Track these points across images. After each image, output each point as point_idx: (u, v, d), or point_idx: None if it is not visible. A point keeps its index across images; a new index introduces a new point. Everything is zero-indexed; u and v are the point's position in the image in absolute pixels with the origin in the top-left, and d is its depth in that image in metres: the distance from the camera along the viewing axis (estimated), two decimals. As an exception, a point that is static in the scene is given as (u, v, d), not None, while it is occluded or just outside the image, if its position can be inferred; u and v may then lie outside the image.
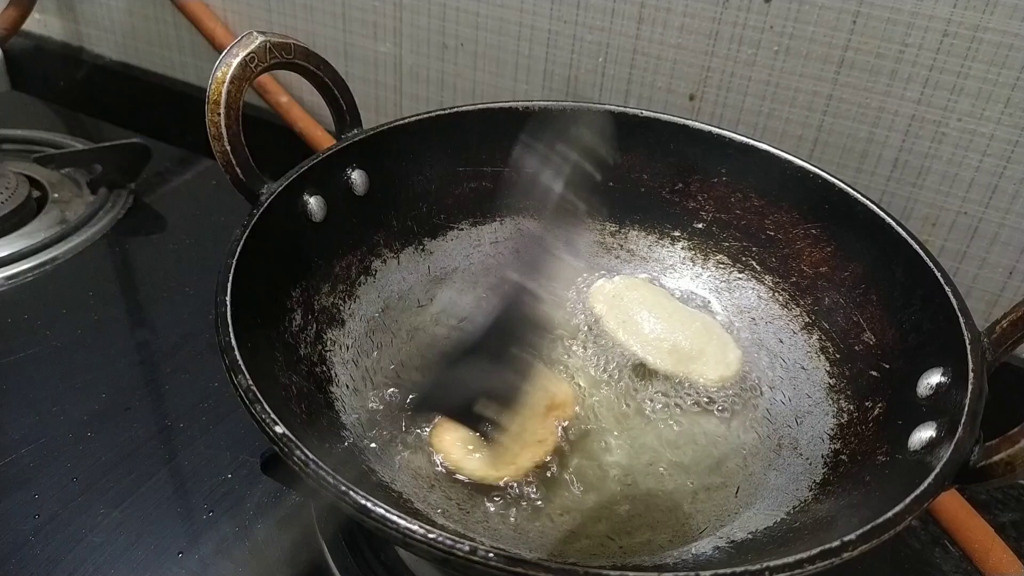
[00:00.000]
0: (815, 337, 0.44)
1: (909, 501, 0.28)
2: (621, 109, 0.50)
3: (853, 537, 0.27)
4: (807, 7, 0.50)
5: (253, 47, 0.40)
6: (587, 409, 0.42)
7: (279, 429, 0.29)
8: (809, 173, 0.45)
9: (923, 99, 0.49)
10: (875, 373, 0.40)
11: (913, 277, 0.40)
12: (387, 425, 0.40)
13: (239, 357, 0.32)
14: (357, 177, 0.46)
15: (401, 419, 0.41)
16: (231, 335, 0.33)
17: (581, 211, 0.32)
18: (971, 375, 0.33)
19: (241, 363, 0.31)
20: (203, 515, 0.41)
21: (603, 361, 0.45)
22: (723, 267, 0.49)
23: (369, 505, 0.27)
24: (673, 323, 0.46)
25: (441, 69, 0.65)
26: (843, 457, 0.38)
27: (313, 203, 0.43)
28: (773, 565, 0.26)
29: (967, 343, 0.34)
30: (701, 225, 0.50)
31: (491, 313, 0.29)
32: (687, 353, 0.44)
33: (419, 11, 0.63)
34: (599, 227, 0.52)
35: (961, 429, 0.31)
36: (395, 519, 0.26)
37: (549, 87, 0.61)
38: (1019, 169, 0.48)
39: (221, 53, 0.40)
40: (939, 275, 0.38)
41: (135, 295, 0.56)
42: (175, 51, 0.79)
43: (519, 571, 0.25)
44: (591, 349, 0.46)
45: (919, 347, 0.38)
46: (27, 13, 0.78)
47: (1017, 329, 0.35)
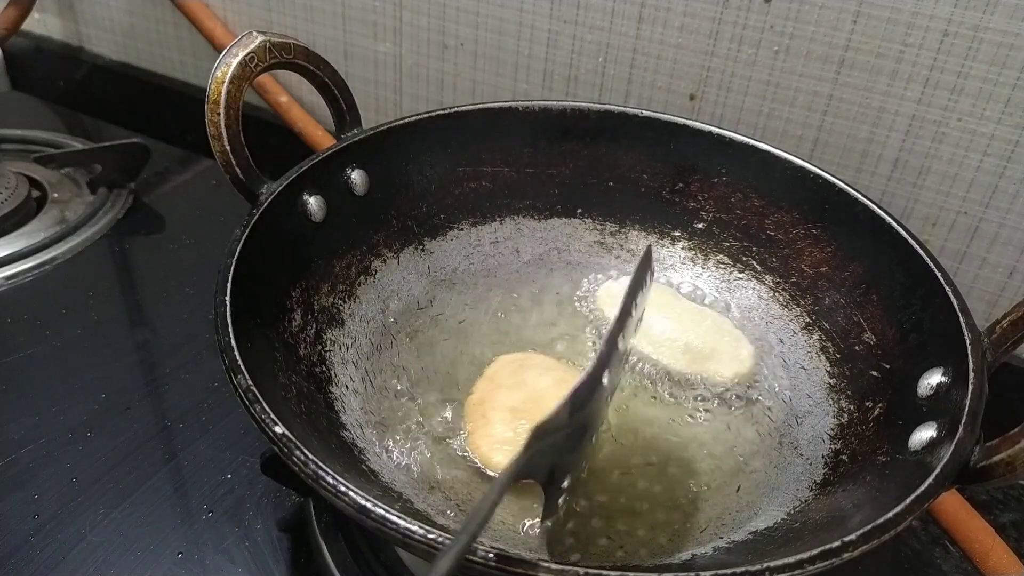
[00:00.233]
0: (815, 337, 0.44)
1: (909, 501, 0.28)
2: (621, 109, 0.50)
3: (853, 537, 0.27)
4: (807, 7, 0.50)
5: (253, 47, 0.40)
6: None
7: (279, 429, 0.29)
8: (809, 173, 0.45)
9: (923, 99, 0.49)
10: (875, 373, 0.40)
11: (913, 277, 0.39)
12: (387, 424, 0.40)
13: (239, 357, 0.32)
14: (357, 177, 0.46)
15: (401, 418, 0.41)
16: (231, 335, 0.33)
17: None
18: (971, 375, 0.33)
19: (241, 363, 0.31)
20: (203, 515, 0.41)
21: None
22: (723, 267, 0.49)
23: (369, 505, 0.27)
24: (684, 322, 0.46)
25: (441, 69, 0.65)
26: (843, 457, 0.38)
27: (313, 203, 0.43)
28: (773, 565, 0.26)
29: (967, 343, 0.34)
30: (701, 225, 0.50)
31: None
32: (700, 352, 0.44)
33: (419, 11, 0.63)
34: (599, 227, 0.52)
35: (961, 429, 0.31)
36: (395, 519, 0.26)
37: (549, 87, 0.61)
38: (1019, 169, 0.48)
39: (221, 53, 0.40)
40: (939, 275, 0.38)
41: (135, 295, 0.56)
42: (175, 51, 0.79)
43: (519, 571, 0.25)
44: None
45: (919, 347, 0.38)
46: (27, 13, 0.78)
47: (1017, 329, 0.35)
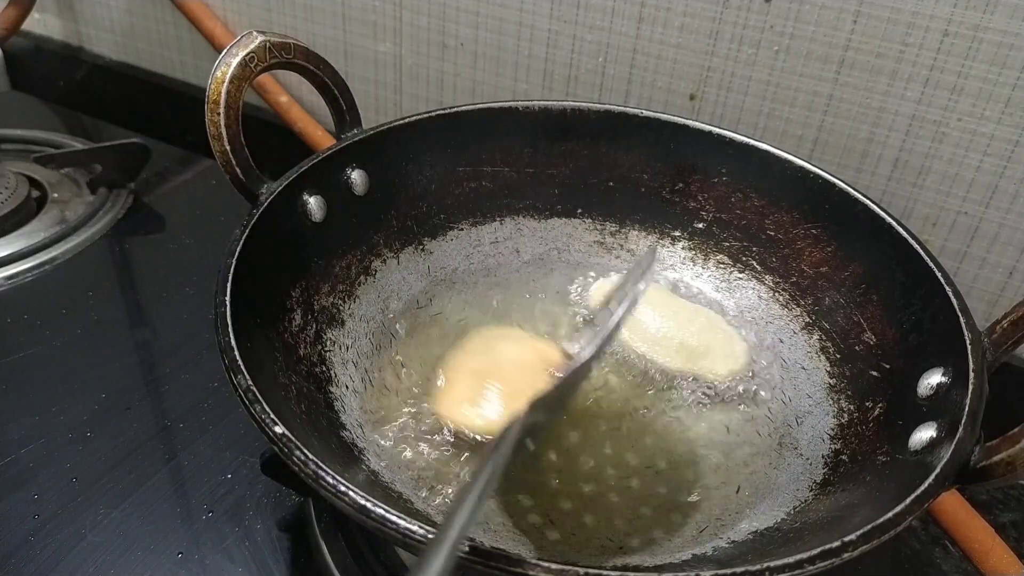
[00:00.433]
0: (815, 337, 0.44)
1: (909, 501, 0.28)
2: (621, 109, 0.50)
3: (853, 537, 0.27)
4: (807, 7, 0.50)
5: (253, 47, 0.40)
6: (590, 410, 0.42)
7: (279, 429, 0.29)
8: (809, 173, 0.45)
9: (923, 99, 0.49)
10: (875, 373, 0.40)
11: (913, 277, 0.39)
12: (387, 424, 0.40)
13: (239, 357, 0.32)
14: (357, 177, 0.46)
15: (401, 418, 0.41)
16: (231, 335, 0.33)
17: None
18: (971, 375, 0.33)
19: (241, 363, 0.31)
20: (203, 515, 0.41)
21: (608, 361, 0.45)
22: (723, 267, 0.49)
23: (369, 505, 0.27)
24: (678, 320, 0.46)
25: (441, 69, 0.65)
26: (843, 457, 0.38)
27: (313, 203, 0.43)
28: (773, 565, 0.26)
29: (967, 343, 0.34)
30: (701, 225, 0.50)
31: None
32: (695, 349, 0.44)
33: (419, 11, 0.63)
34: (599, 227, 0.52)
35: (961, 429, 0.31)
36: (395, 519, 0.26)
37: (549, 87, 0.61)
38: (1019, 169, 0.48)
39: (221, 53, 0.40)
40: (939, 275, 0.38)
41: (135, 295, 0.56)
42: (175, 51, 0.79)
43: (519, 571, 0.25)
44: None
45: (919, 347, 0.38)
46: (27, 13, 0.78)
47: (1017, 329, 0.35)
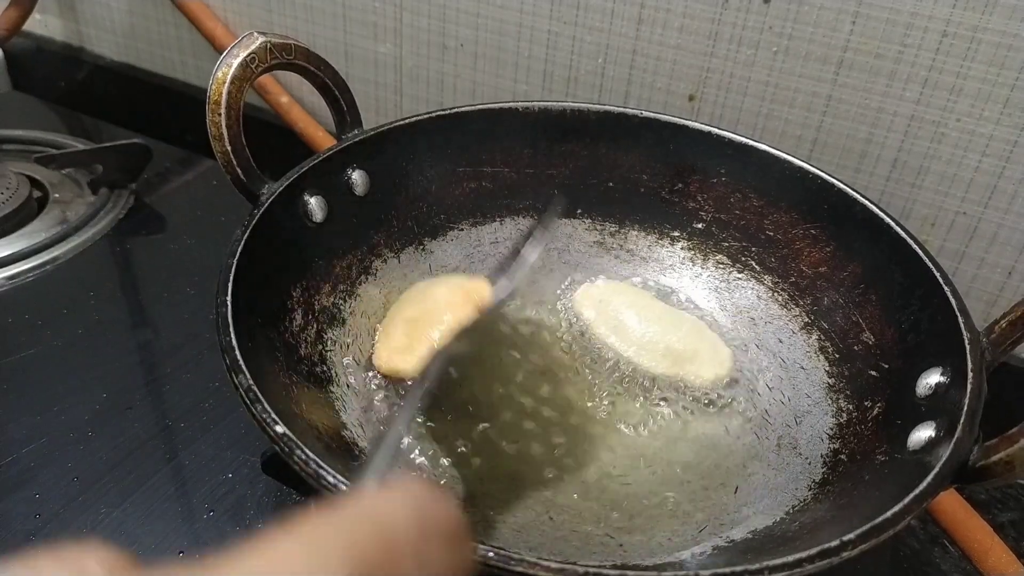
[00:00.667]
0: (814, 337, 0.45)
1: (908, 501, 0.28)
2: (621, 109, 0.50)
3: (852, 536, 0.27)
4: (806, 8, 0.50)
5: (254, 48, 0.40)
6: (585, 413, 0.42)
7: (280, 429, 0.29)
8: (808, 173, 0.45)
9: (922, 99, 0.49)
10: (874, 373, 0.40)
11: (912, 277, 0.40)
12: (386, 423, 0.40)
13: (240, 357, 0.32)
14: (357, 177, 0.46)
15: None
16: (232, 335, 0.33)
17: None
18: (970, 375, 0.33)
19: (242, 363, 0.32)
20: (204, 515, 0.41)
21: (597, 367, 0.45)
22: (722, 267, 0.49)
23: (369, 504, 0.27)
24: (664, 325, 0.46)
25: (441, 69, 0.65)
26: (842, 457, 0.38)
27: (313, 203, 0.43)
28: (773, 565, 0.26)
29: (966, 343, 0.34)
30: (701, 225, 0.50)
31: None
32: (681, 354, 0.44)
33: (419, 12, 0.63)
34: (599, 227, 0.52)
35: (960, 429, 0.31)
36: (395, 518, 0.26)
37: (549, 87, 0.61)
38: (1018, 169, 0.48)
39: (222, 54, 0.40)
40: (938, 275, 0.38)
41: (136, 295, 0.56)
42: (175, 51, 0.79)
43: (519, 570, 0.25)
44: (584, 356, 0.45)
45: (918, 347, 0.38)
46: (28, 13, 0.78)
47: (1016, 329, 0.35)
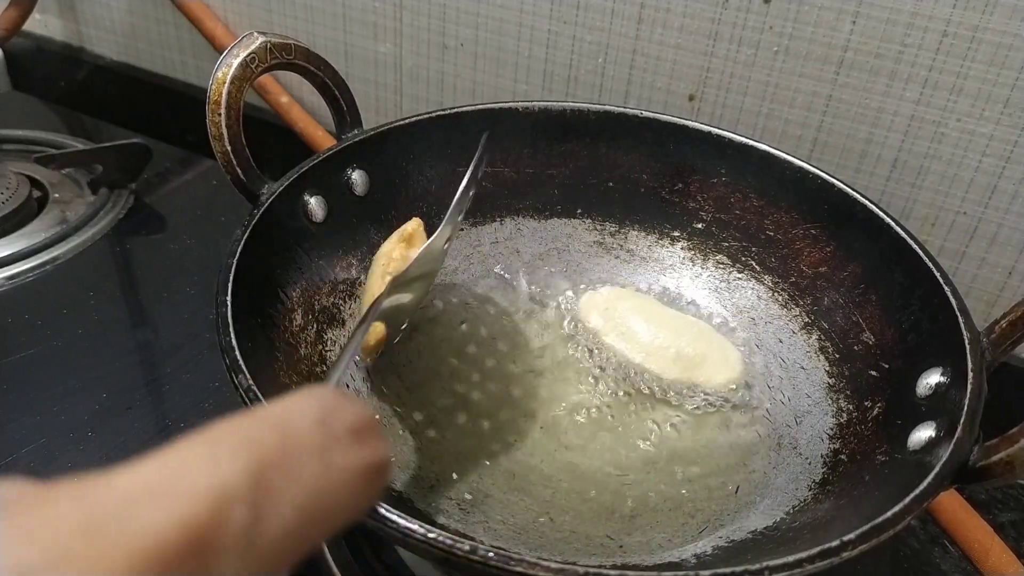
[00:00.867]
0: (814, 337, 0.45)
1: (908, 501, 0.28)
2: (621, 109, 0.50)
3: (853, 537, 0.27)
4: (807, 7, 0.50)
5: (254, 47, 0.40)
6: (590, 415, 0.42)
7: (280, 429, 0.29)
8: (808, 173, 0.45)
9: (922, 99, 0.49)
10: (874, 373, 0.40)
11: (912, 277, 0.40)
12: (386, 424, 0.40)
13: (240, 357, 0.32)
14: (357, 177, 0.46)
15: (401, 417, 0.41)
16: (232, 335, 0.33)
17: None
18: (970, 375, 0.33)
19: (242, 363, 0.31)
20: (204, 515, 0.41)
21: (604, 372, 0.44)
22: (723, 267, 0.49)
23: (369, 505, 0.27)
24: (673, 330, 0.46)
25: (441, 69, 0.65)
26: (842, 457, 0.38)
27: (313, 203, 0.43)
28: (773, 565, 0.26)
29: (966, 343, 0.34)
30: (701, 225, 0.50)
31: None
32: (692, 359, 0.44)
33: (419, 11, 0.63)
34: (599, 227, 0.52)
35: (960, 429, 0.31)
36: (395, 519, 0.26)
37: (549, 87, 0.61)
38: (1018, 169, 0.48)
39: (221, 53, 0.40)
40: (938, 275, 0.38)
41: (136, 295, 0.56)
42: (175, 51, 0.79)
43: (519, 571, 0.25)
44: (590, 361, 0.45)
45: (918, 347, 0.38)
46: (27, 13, 0.78)
47: (1016, 329, 0.35)
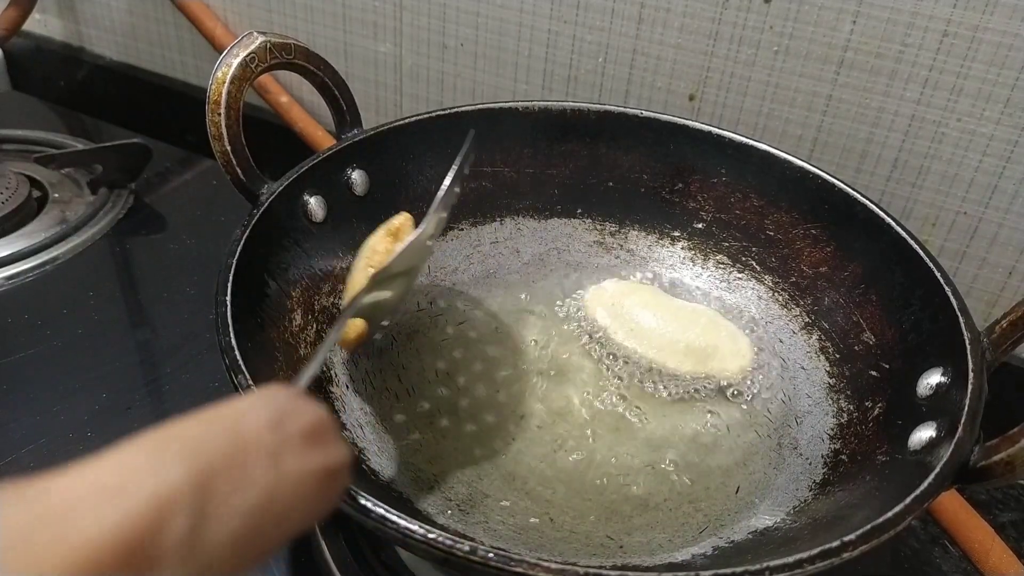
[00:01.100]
0: (815, 337, 0.44)
1: (909, 501, 0.28)
2: (621, 109, 0.50)
3: (853, 537, 0.27)
4: (807, 7, 0.50)
5: (253, 47, 0.40)
6: (593, 410, 0.42)
7: (279, 429, 0.29)
8: (809, 173, 0.45)
9: (923, 99, 0.49)
10: (875, 373, 0.40)
11: (913, 277, 0.40)
12: (387, 424, 0.40)
13: (239, 357, 0.32)
14: (357, 177, 0.46)
15: (401, 417, 0.41)
16: (231, 335, 0.33)
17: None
18: (971, 375, 0.33)
19: (241, 363, 0.31)
20: (203, 515, 0.41)
21: (613, 372, 0.44)
22: (723, 267, 0.49)
23: (369, 505, 0.27)
24: (681, 322, 0.45)
25: (441, 69, 0.65)
26: (843, 457, 0.38)
27: (313, 203, 0.43)
28: (773, 565, 0.26)
29: (967, 343, 0.34)
30: (701, 225, 0.50)
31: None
32: (703, 350, 0.44)
33: (419, 11, 0.63)
34: (599, 227, 0.52)
35: (961, 429, 0.31)
36: (395, 519, 0.26)
37: (549, 87, 0.61)
38: (1019, 169, 0.48)
39: (221, 53, 0.40)
40: (939, 275, 0.38)
41: (135, 295, 0.56)
42: (175, 51, 0.79)
43: (519, 571, 0.25)
44: (600, 362, 0.45)
45: (919, 347, 0.38)
46: (27, 13, 0.78)
47: (1017, 329, 0.35)
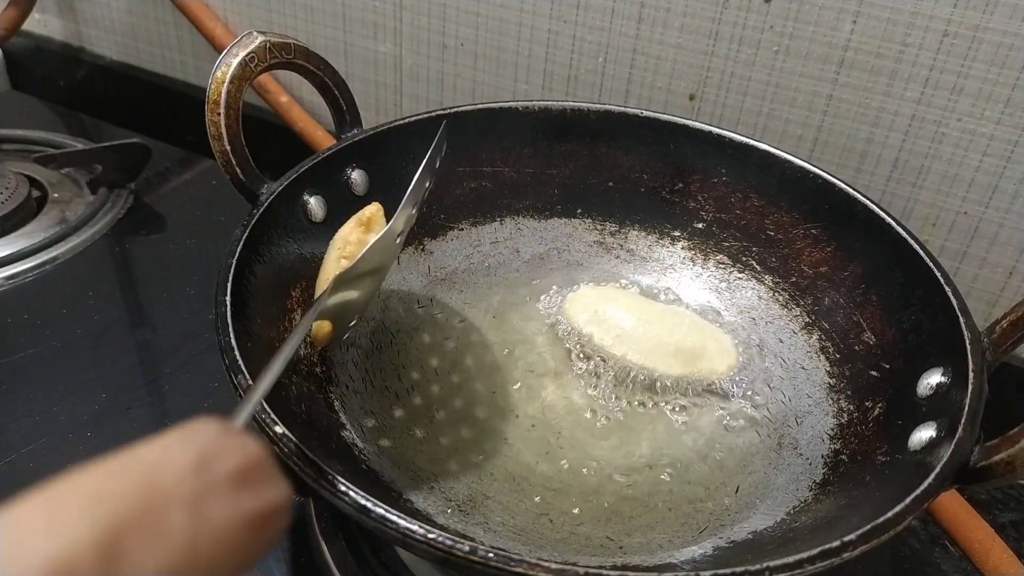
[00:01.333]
0: (815, 337, 0.44)
1: (909, 501, 0.28)
2: (621, 109, 0.50)
3: (853, 537, 0.27)
4: (807, 7, 0.50)
5: (253, 47, 0.40)
6: (594, 413, 0.42)
7: (279, 429, 0.29)
8: (809, 173, 0.45)
9: (923, 99, 0.49)
10: (875, 373, 0.40)
11: (913, 277, 0.40)
12: (387, 424, 0.40)
13: (239, 357, 0.32)
14: (357, 177, 0.46)
15: (401, 418, 0.41)
16: (231, 335, 0.33)
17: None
18: (971, 375, 0.33)
19: (241, 363, 0.31)
20: (203, 515, 0.41)
21: (606, 376, 0.44)
22: (723, 267, 0.49)
23: (369, 505, 0.27)
24: (667, 325, 0.44)
25: (441, 69, 0.65)
26: (843, 457, 0.38)
27: (313, 203, 0.43)
28: (773, 565, 0.26)
29: (967, 343, 0.34)
30: (701, 225, 0.50)
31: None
32: (691, 352, 0.43)
33: (419, 11, 0.63)
34: (599, 227, 0.52)
35: (961, 429, 0.31)
36: (395, 519, 0.26)
37: (549, 87, 0.61)
38: (1019, 169, 0.48)
39: (221, 53, 0.40)
40: (939, 275, 0.38)
41: (135, 295, 0.56)
42: (175, 51, 0.79)
43: (519, 571, 0.25)
44: (591, 365, 0.44)
45: (919, 347, 0.38)
46: (27, 13, 0.78)
47: (1017, 329, 0.35)
